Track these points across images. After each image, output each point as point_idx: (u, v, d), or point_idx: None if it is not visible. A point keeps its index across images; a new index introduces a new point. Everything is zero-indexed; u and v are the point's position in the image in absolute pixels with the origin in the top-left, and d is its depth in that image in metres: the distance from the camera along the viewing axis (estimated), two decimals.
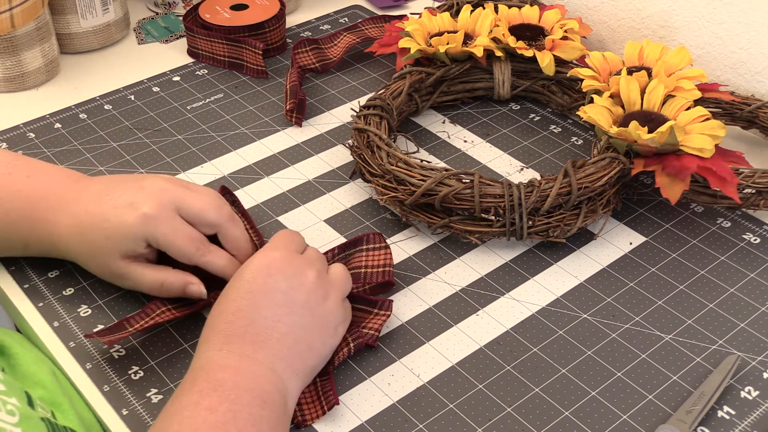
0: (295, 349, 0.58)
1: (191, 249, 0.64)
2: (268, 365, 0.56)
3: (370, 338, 0.63)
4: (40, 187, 0.67)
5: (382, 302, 0.64)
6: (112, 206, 0.64)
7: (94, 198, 0.65)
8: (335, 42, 0.95)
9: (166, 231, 0.63)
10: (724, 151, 0.71)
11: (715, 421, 0.58)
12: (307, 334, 0.58)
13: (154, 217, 0.63)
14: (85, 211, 0.65)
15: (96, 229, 0.64)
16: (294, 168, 0.81)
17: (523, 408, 0.59)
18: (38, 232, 0.66)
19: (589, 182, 0.70)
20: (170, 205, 0.64)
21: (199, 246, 0.64)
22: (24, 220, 0.66)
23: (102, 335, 0.62)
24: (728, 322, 0.65)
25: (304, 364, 0.58)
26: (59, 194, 0.66)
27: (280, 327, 0.57)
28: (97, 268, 0.66)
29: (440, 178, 0.69)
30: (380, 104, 0.79)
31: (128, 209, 0.63)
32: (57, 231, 0.65)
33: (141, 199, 0.63)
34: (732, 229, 0.73)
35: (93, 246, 0.64)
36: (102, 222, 0.64)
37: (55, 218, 0.65)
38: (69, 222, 0.65)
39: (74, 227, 0.65)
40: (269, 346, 0.57)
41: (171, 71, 0.94)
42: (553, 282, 0.69)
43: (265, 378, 0.55)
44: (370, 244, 0.68)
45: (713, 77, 0.87)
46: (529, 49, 0.84)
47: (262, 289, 0.58)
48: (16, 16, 0.85)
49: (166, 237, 0.63)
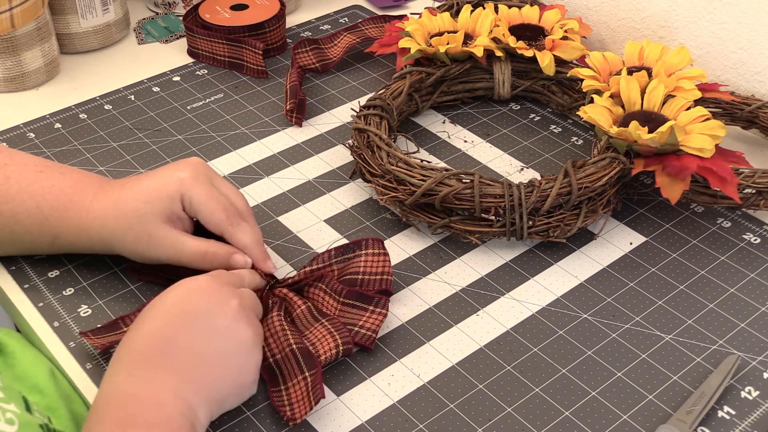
0: (210, 376, 0.55)
1: (222, 215, 0.64)
2: (178, 393, 0.53)
3: (367, 339, 0.63)
4: (73, 182, 0.67)
5: (378, 299, 0.64)
6: (150, 179, 0.65)
7: (131, 182, 0.66)
8: (335, 42, 0.95)
9: (201, 193, 0.64)
10: (724, 151, 0.71)
11: (715, 421, 0.58)
12: (224, 362, 0.56)
13: (191, 179, 0.64)
14: (122, 191, 0.66)
15: (133, 199, 0.65)
16: (294, 168, 0.81)
17: (523, 408, 0.59)
18: (69, 222, 0.66)
19: (589, 182, 0.70)
20: (205, 175, 0.66)
21: (230, 215, 0.65)
22: (56, 212, 0.66)
23: (97, 334, 0.62)
24: (728, 322, 0.65)
25: (218, 393, 0.56)
26: (94, 186, 0.67)
27: (194, 352, 0.55)
28: (135, 240, 0.65)
29: (440, 178, 0.69)
30: (380, 104, 0.79)
31: (165, 175, 0.65)
32: (91, 214, 0.65)
33: (178, 167, 0.66)
34: (732, 229, 0.73)
35: (132, 215, 0.64)
36: (140, 190, 0.65)
37: (89, 205, 0.66)
38: (105, 204, 0.65)
39: (111, 205, 0.65)
40: (180, 372, 0.54)
41: (171, 71, 0.94)
42: (553, 282, 0.69)
43: (173, 407, 0.52)
44: (369, 249, 0.67)
45: (713, 77, 0.87)
46: (529, 49, 0.84)
47: (181, 312, 0.57)
48: (16, 16, 0.85)
49: (200, 198, 0.64)
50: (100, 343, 0.61)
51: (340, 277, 0.66)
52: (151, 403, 0.52)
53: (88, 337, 0.62)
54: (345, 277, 0.66)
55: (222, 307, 0.58)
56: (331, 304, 0.64)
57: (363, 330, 0.63)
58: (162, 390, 0.53)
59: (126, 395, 0.53)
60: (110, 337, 0.62)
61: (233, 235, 0.65)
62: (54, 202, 0.66)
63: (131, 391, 0.53)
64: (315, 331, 0.62)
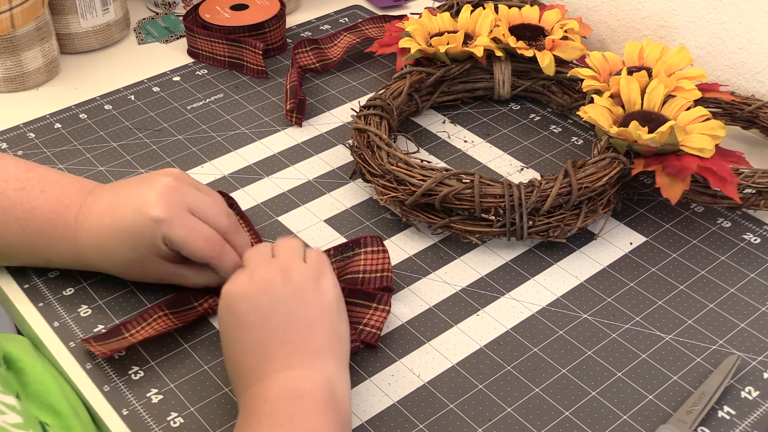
0: (315, 335, 0.56)
1: (205, 249, 0.63)
2: (313, 367, 0.55)
3: (372, 337, 0.63)
4: (54, 203, 0.65)
5: (380, 296, 0.64)
6: (123, 214, 0.63)
7: (107, 209, 0.64)
8: (335, 42, 0.95)
9: (178, 234, 0.62)
10: (724, 151, 0.71)
11: (715, 421, 0.58)
12: (318, 315, 0.57)
13: (167, 219, 0.62)
14: (101, 225, 0.64)
15: (117, 243, 0.63)
16: (294, 168, 0.81)
17: (523, 408, 0.59)
18: (59, 249, 0.66)
19: (589, 182, 0.70)
20: (181, 204, 0.63)
21: (212, 244, 0.63)
22: (41, 239, 0.65)
23: (99, 341, 0.62)
24: (728, 322, 0.65)
25: (330, 344, 0.57)
26: (74, 210, 0.65)
27: (291, 327, 0.56)
28: (140, 276, 0.66)
29: (440, 178, 0.69)
30: (380, 104, 0.79)
31: (140, 215, 0.62)
32: (79, 248, 0.65)
33: (151, 200, 0.62)
34: (732, 229, 0.73)
35: (122, 259, 0.64)
36: (120, 234, 0.63)
37: (74, 236, 0.65)
38: (89, 239, 0.64)
39: (96, 243, 0.64)
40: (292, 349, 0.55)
41: (171, 71, 0.94)
42: (553, 282, 0.69)
43: (301, 378, 0.54)
44: (368, 247, 0.67)
45: (713, 77, 0.87)
46: (529, 49, 0.84)
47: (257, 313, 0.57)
48: (16, 16, 0.85)
49: (179, 240, 0.62)
50: (101, 351, 0.61)
51: (340, 276, 0.67)
52: (268, 392, 0.53)
53: (90, 344, 0.62)
54: (346, 275, 0.66)
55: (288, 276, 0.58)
56: None
57: (368, 328, 0.63)
58: (278, 377, 0.54)
59: (272, 395, 0.54)
60: (113, 344, 0.62)
61: (218, 265, 0.64)
62: (38, 228, 0.65)
63: (273, 389, 0.54)
64: None
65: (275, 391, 0.53)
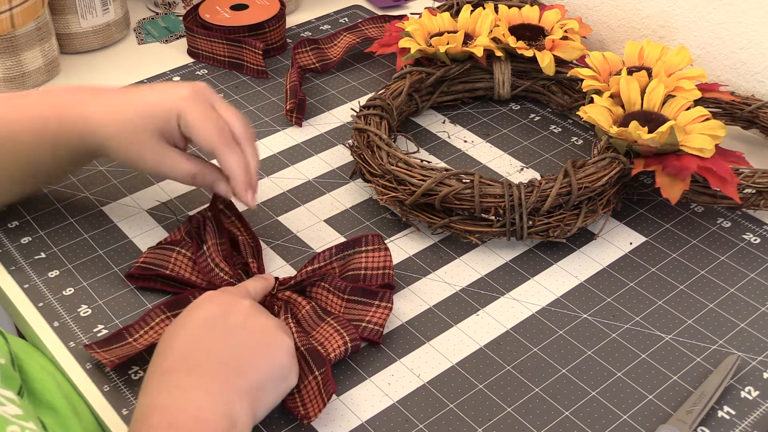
0: (235, 367, 0.55)
1: (214, 136, 0.65)
2: (203, 389, 0.53)
3: (375, 334, 0.63)
4: (71, 89, 0.68)
5: (382, 294, 0.64)
6: (149, 88, 0.66)
7: (130, 90, 0.67)
8: (335, 42, 0.95)
9: (196, 112, 0.64)
10: (724, 151, 0.71)
11: (715, 421, 0.58)
12: (247, 351, 0.56)
13: (190, 98, 0.65)
14: (121, 95, 0.66)
15: (132, 106, 0.65)
16: (294, 168, 0.81)
17: (523, 408, 0.59)
18: (68, 126, 0.67)
19: (589, 182, 0.70)
20: (205, 97, 0.66)
21: (222, 136, 0.65)
22: (53, 119, 0.67)
23: (102, 346, 0.62)
24: (728, 322, 0.65)
25: (250, 383, 0.55)
26: (92, 90, 0.68)
27: (216, 350, 0.55)
28: (127, 146, 0.66)
29: (440, 178, 0.69)
30: (380, 104, 0.79)
31: (166, 91, 0.66)
32: (90, 116, 0.66)
33: (180, 86, 0.66)
34: (732, 229, 0.73)
35: (128, 125, 0.65)
36: (138, 100, 0.66)
37: (87, 108, 0.66)
38: (104, 107, 0.66)
39: (109, 108, 0.66)
40: (204, 369, 0.54)
41: (171, 71, 0.94)
42: (553, 282, 0.69)
43: (201, 407, 0.52)
44: (369, 245, 0.67)
45: (713, 77, 0.87)
46: (529, 49, 0.84)
47: (198, 322, 0.57)
48: (16, 16, 0.85)
49: (194, 117, 0.64)
50: (106, 358, 0.61)
51: (341, 274, 0.67)
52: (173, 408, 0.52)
53: (94, 350, 0.62)
54: (347, 273, 0.66)
55: (234, 308, 0.58)
56: (335, 302, 0.65)
57: (370, 325, 0.63)
58: (185, 393, 0.53)
59: (163, 405, 0.52)
60: (117, 350, 0.62)
61: (222, 156, 0.65)
62: (51, 108, 0.67)
63: (153, 403, 0.53)
64: (321, 330, 0.62)
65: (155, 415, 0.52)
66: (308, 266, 0.67)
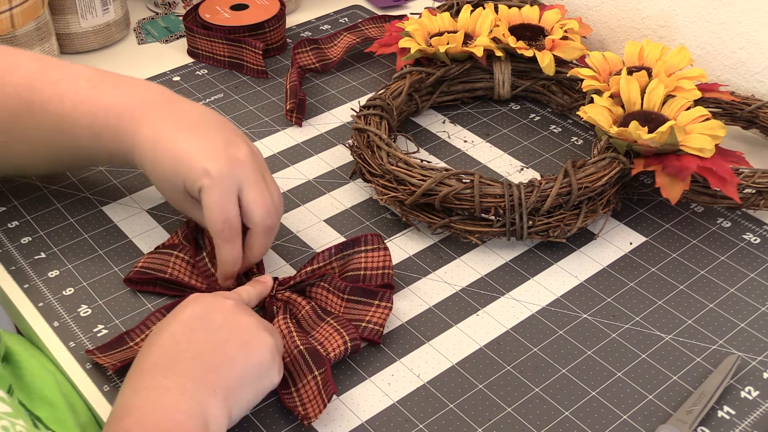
0: (211, 365, 0.55)
1: (218, 226, 0.63)
2: (178, 390, 0.53)
3: (375, 334, 0.63)
4: (128, 97, 0.66)
5: (382, 293, 0.64)
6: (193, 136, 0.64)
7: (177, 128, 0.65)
8: (335, 42, 0.95)
9: (215, 196, 0.62)
10: (724, 151, 0.71)
11: (715, 421, 0.58)
12: (227, 349, 0.56)
13: (214, 179, 0.62)
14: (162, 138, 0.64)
15: (166, 158, 0.64)
16: (294, 168, 0.81)
17: (523, 408, 0.59)
18: (121, 143, 0.66)
19: (589, 182, 0.70)
20: (236, 180, 0.63)
21: (227, 229, 0.63)
22: (108, 130, 0.66)
23: (104, 351, 0.62)
24: (728, 322, 0.65)
25: (227, 381, 0.55)
26: (149, 102, 0.66)
27: (193, 347, 0.55)
28: (160, 187, 0.67)
29: (440, 178, 0.69)
30: (380, 104, 0.79)
31: (197, 157, 0.63)
32: (135, 141, 0.65)
33: (217, 154, 0.63)
34: (732, 229, 0.73)
35: (162, 173, 0.65)
36: (173, 157, 0.64)
37: (136, 128, 0.65)
38: (147, 135, 0.65)
39: (150, 143, 0.65)
40: (180, 368, 0.54)
41: (171, 71, 0.94)
42: (553, 282, 0.69)
43: (175, 408, 0.52)
44: (369, 245, 0.67)
45: (713, 77, 0.87)
46: (529, 49, 0.84)
47: (181, 321, 0.57)
48: (16, 16, 0.85)
49: (207, 203, 0.63)
50: (107, 362, 0.61)
51: (341, 274, 0.67)
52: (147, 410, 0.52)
53: (95, 355, 0.62)
54: (346, 273, 0.66)
55: (216, 307, 0.58)
56: (335, 302, 0.65)
57: (370, 325, 0.63)
58: (159, 393, 0.53)
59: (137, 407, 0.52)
60: (118, 354, 0.62)
61: (216, 247, 0.64)
62: (107, 120, 0.66)
63: (127, 404, 0.53)
64: (321, 330, 0.62)
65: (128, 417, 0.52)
66: (308, 266, 0.67)
